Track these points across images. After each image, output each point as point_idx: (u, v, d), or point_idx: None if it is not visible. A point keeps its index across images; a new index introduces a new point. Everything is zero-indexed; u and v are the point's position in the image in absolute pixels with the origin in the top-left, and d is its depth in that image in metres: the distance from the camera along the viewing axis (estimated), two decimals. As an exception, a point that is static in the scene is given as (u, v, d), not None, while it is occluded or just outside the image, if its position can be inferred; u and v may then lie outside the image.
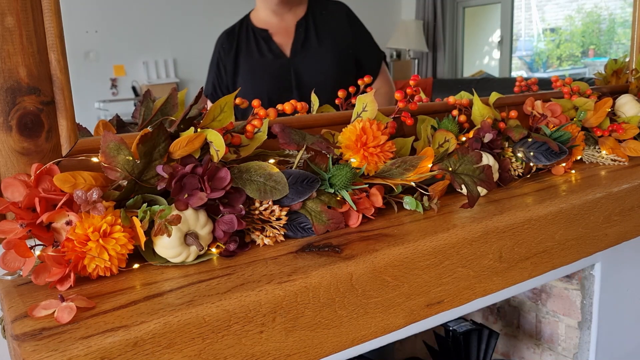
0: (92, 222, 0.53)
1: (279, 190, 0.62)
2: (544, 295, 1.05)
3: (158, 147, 0.56)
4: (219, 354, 0.49)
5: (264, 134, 0.67)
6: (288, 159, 0.70)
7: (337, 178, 0.67)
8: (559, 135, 0.93)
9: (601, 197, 0.82)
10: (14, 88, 0.56)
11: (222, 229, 0.58)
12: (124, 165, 0.55)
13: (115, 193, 0.56)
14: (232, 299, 0.50)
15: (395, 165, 0.72)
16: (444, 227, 0.66)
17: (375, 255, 0.59)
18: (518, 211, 0.72)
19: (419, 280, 0.62)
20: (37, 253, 0.53)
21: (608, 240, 0.85)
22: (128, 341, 0.44)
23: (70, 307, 0.46)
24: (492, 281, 0.70)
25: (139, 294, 0.51)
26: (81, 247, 0.52)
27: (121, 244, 0.54)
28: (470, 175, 0.75)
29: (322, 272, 0.55)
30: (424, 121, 0.85)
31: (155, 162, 0.57)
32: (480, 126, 0.85)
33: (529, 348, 1.12)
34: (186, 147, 0.58)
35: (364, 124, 0.70)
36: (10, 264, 0.53)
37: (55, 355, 0.42)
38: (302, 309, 0.54)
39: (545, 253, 0.75)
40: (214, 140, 0.60)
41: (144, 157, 0.56)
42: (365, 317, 0.59)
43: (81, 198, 0.52)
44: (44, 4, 0.58)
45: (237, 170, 0.62)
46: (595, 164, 1.01)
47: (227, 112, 0.63)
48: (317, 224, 0.65)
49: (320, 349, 0.56)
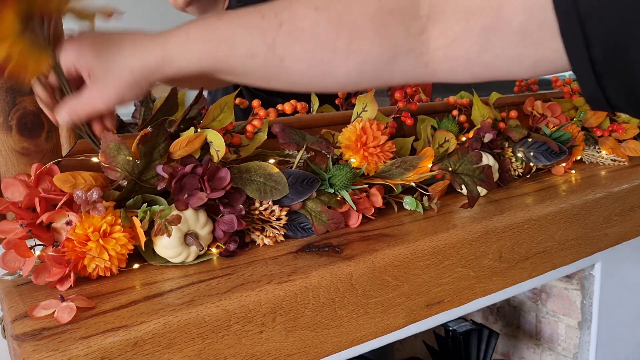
0: (92, 222, 0.53)
1: (279, 191, 0.62)
2: (544, 295, 1.05)
3: (158, 147, 0.56)
4: (219, 354, 0.49)
5: (264, 134, 0.67)
6: (288, 159, 0.70)
7: (337, 178, 0.67)
8: (559, 135, 0.93)
9: (601, 197, 0.82)
10: (14, 88, 0.56)
11: (222, 229, 0.58)
12: (124, 166, 0.55)
13: (116, 193, 0.56)
14: (232, 299, 0.50)
15: (395, 166, 0.72)
16: (443, 227, 0.66)
17: (375, 255, 0.59)
18: (518, 211, 0.72)
19: (419, 280, 0.62)
20: (37, 253, 0.53)
21: (608, 240, 0.85)
22: (128, 341, 0.44)
23: (70, 307, 0.46)
24: (492, 281, 0.70)
25: (139, 294, 0.51)
26: (81, 247, 0.52)
27: (121, 244, 0.54)
28: (470, 175, 0.75)
29: (322, 272, 0.55)
30: (424, 121, 0.85)
31: (155, 162, 0.57)
32: (480, 126, 0.85)
33: (529, 348, 1.12)
34: (186, 147, 0.58)
35: (364, 124, 0.70)
36: (11, 264, 0.53)
37: (55, 355, 0.42)
38: (302, 309, 0.54)
39: (545, 253, 0.75)
40: (214, 140, 0.60)
41: (144, 157, 0.56)
42: (365, 317, 0.59)
43: (81, 198, 0.52)
44: (44, 4, 0.58)
45: (237, 170, 0.62)
46: (595, 164, 1.01)
47: (227, 112, 0.63)
48: (317, 224, 0.65)
49: (320, 349, 0.56)
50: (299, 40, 0.47)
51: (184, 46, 0.50)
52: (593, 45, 0.38)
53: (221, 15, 0.50)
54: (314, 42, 0.46)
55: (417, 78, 0.49)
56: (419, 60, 0.46)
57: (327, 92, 0.53)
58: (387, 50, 0.46)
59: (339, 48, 0.46)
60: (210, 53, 0.50)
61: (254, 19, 0.48)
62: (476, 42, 0.43)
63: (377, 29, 0.45)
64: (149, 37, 0.52)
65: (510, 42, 0.42)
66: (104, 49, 0.51)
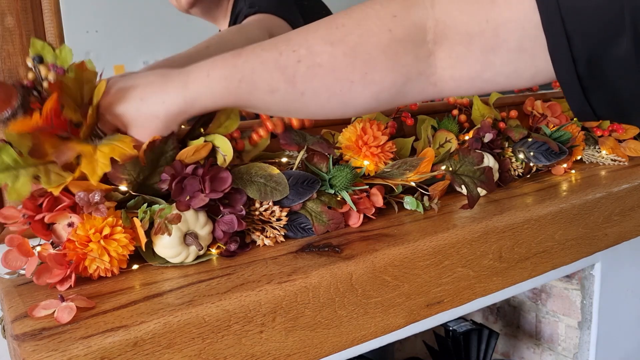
0: (94, 224, 0.53)
1: (279, 192, 0.62)
2: (544, 295, 1.05)
3: (165, 154, 0.56)
4: (219, 354, 0.49)
5: (267, 140, 0.67)
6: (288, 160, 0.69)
7: (338, 179, 0.67)
8: (559, 135, 0.93)
9: (601, 197, 0.82)
10: (14, 88, 0.56)
11: (221, 229, 0.58)
12: (130, 171, 0.55)
13: (119, 195, 0.56)
14: (232, 299, 0.50)
15: (395, 166, 0.72)
16: (443, 227, 0.66)
17: (375, 255, 0.59)
18: (518, 211, 0.72)
19: (419, 280, 0.62)
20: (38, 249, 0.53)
21: (608, 240, 0.85)
22: (128, 341, 0.44)
23: (70, 307, 0.46)
24: (492, 281, 0.70)
25: (139, 294, 0.51)
26: (82, 248, 0.52)
27: (122, 245, 0.54)
28: (471, 176, 0.75)
29: (322, 272, 0.55)
30: (424, 121, 0.85)
31: (161, 169, 0.57)
32: (480, 126, 0.85)
33: (529, 348, 1.12)
34: (193, 156, 0.58)
35: (365, 124, 0.70)
36: (12, 263, 0.53)
37: (55, 355, 0.42)
38: (302, 309, 0.54)
39: (545, 253, 0.75)
40: (222, 146, 0.60)
41: (151, 163, 0.56)
42: (365, 317, 0.59)
43: (83, 200, 0.52)
44: (44, 4, 0.58)
45: (238, 171, 0.62)
46: (595, 164, 1.01)
47: (234, 119, 0.63)
48: (318, 224, 0.65)
49: (320, 349, 0.56)
50: (318, 75, 0.49)
51: (205, 87, 0.52)
52: (578, 61, 0.41)
53: (239, 53, 0.52)
54: (332, 76, 0.49)
55: (427, 97, 0.52)
56: (429, 80, 0.49)
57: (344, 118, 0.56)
58: (400, 76, 0.49)
59: (356, 80, 0.49)
60: (232, 92, 0.52)
61: (273, 56, 0.50)
62: (478, 61, 0.46)
63: (390, 58, 0.48)
64: (170, 80, 0.54)
65: (509, 59, 0.45)
66: (129, 100, 0.54)
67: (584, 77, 0.42)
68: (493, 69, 0.46)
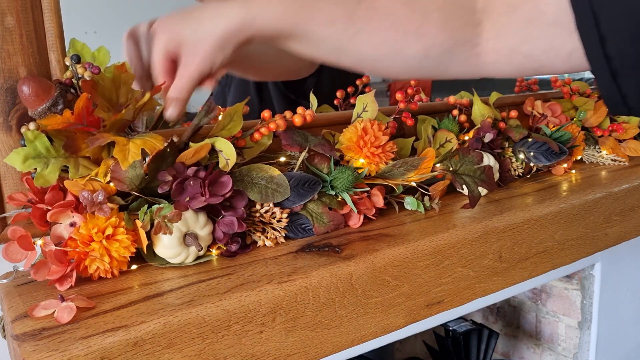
0: (97, 223, 0.53)
1: (280, 193, 0.62)
2: (544, 295, 1.05)
3: (166, 160, 0.56)
4: (219, 354, 0.49)
5: (269, 140, 0.67)
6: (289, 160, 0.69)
7: (339, 181, 0.66)
8: (559, 135, 0.93)
9: (601, 197, 0.82)
10: (14, 88, 0.56)
11: (222, 230, 0.58)
12: (132, 180, 0.55)
13: (121, 201, 0.56)
14: (232, 299, 0.50)
15: (396, 166, 0.71)
16: (443, 227, 0.66)
17: (375, 255, 0.59)
18: (518, 211, 0.72)
19: (419, 280, 0.62)
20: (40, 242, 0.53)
21: (608, 240, 0.85)
22: (128, 341, 0.44)
23: (70, 307, 0.46)
24: (492, 281, 0.70)
25: (139, 294, 0.51)
26: (84, 247, 0.52)
27: (124, 246, 0.54)
28: (472, 175, 0.75)
29: (322, 272, 0.55)
30: (425, 121, 0.85)
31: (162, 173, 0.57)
32: (481, 126, 0.85)
33: (529, 348, 1.12)
34: (192, 158, 0.58)
35: (365, 124, 0.70)
36: (13, 256, 0.53)
37: (55, 355, 0.42)
38: (302, 309, 0.54)
39: (545, 253, 0.75)
40: (224, 149, 0.60)
41: (153, 172, 0.56)
42: (365, 317, 0.59)
43: (87, 199, 0.52)
44: (44, 4, 0.58)
45: (239, 172, 0.61)
46: (595, 164, 1.01)
47: (237, 121, 0.62)
48: (318, 225, 0.65)
49: (320, 349, 0.56)
50: (377, 16, 0.51)
51: (266, 7, 0.53)
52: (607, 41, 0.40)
53: None
54: (389, 21, 0.51)
55: (469, 69, 0.53)
56: (473, 50, 0.51)
57: (387, 75, 0.57)
58: (449, 39, 0.51)
59: (410, 30, 0.51)
60: (291, 15, 0.53)
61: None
62: (517, 32, 0.48)
63: (443, 17, 0.50)
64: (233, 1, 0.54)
65: (547, 33, 0.46)
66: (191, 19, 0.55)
67: (613, 58, 0.41)
68: (531, 42, 0.47)
